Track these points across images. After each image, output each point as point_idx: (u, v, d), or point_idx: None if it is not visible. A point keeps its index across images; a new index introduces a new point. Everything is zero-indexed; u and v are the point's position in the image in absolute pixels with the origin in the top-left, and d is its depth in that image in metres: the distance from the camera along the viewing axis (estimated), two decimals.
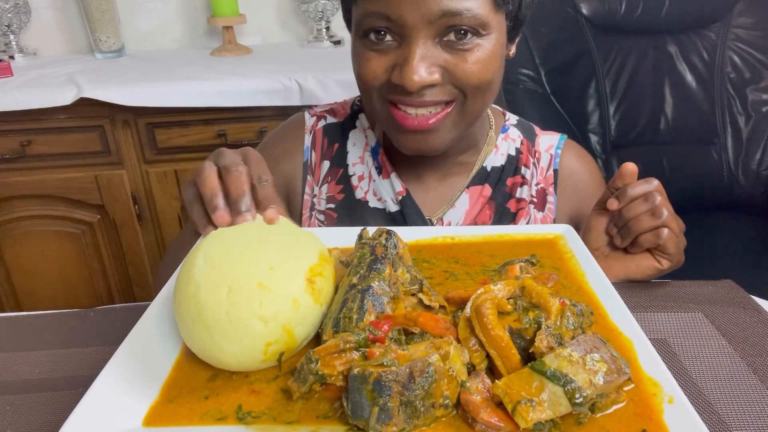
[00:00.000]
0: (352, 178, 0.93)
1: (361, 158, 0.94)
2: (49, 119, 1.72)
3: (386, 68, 0.75)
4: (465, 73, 0.73)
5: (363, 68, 0.77)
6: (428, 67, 0.72)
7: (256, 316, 0.49)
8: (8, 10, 2.00)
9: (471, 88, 0.75)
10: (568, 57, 1.72)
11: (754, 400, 0.54)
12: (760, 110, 1.78)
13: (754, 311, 0.69)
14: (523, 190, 0.93)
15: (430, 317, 0.51)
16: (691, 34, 1.78)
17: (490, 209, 0.92)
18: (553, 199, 0.94)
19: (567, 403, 0.43)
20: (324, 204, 0.94)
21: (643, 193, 0.71)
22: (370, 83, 0.77)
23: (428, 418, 0.44)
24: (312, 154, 0.95)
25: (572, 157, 0.96)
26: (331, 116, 0.97)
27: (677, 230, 0.72)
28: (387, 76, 0.75)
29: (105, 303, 1.97)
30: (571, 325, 0.48)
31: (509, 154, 0.94)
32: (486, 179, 0.92)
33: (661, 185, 0.73)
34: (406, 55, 0.72)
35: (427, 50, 0.72)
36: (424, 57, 0.72)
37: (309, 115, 0.98)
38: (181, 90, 1.69)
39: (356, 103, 0.99)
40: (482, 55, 0.73)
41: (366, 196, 0.92)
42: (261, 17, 2.21)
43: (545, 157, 0.95)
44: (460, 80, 0.74)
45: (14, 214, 1.85)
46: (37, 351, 0.65)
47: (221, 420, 0.46)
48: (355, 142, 0.95)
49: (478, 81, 0.74)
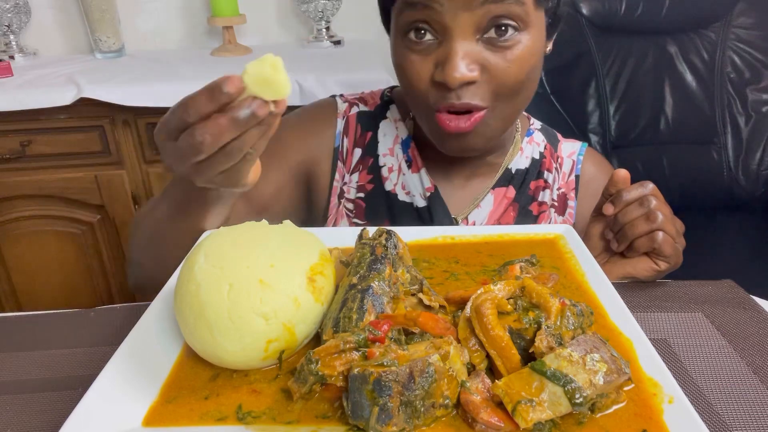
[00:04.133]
0: (383, 169, 0.93)
1: (390, 150, 0.93)
2: (49, 119, 1.72)
3: (429, 69, 0.75)
4: (504, 72, 0.73)
5: (408, 71, 0.77)
6: (469, 64, 0.72)
7: (258, 313, 0.49)
8: (8, 10, 2.00)
9: (506, 89, 0.75)
10: (568, 57, 1.72)
11: (754, 400, 0.54)
12: (760, 110, 1.78)
13: (754, 311, 0.69)
14: (545, 193, 0.93)
15: (430, 317, 0.51)
16: (691, 34, 1.78)
17: (514, 211, 0.92)
18: (574, 204, 0.95)
19: (567, 403, 0.43)
20: (354, 193, 0.93)
21: (638, 197, 0.71)
22: (417, 85, 0.76)
23: (428, 418, 0.44)
24: (344, 141, 0.94)
25: (592, 164, 0.97)
26: (362, 104, 0.96)
27: (674, 232, 0.72)
28: (430, 77, 0.75)
29: (105, 303, 1.97)
30: (571, 325, 0.48)
31: (533, 157, 0.94)
32: (510, 181, 0.93)
33: (656, 188, 0.72)
34: (447, 52, 0.72)
35: (468, 48, 0.72)
36: (466, 54, 0.72)
37: (341, 101, 0.97)
38: (181, 90, 1.66)
39: (386, 93, 0.98)
40: (520, 52, 0.73)
41: (395, 188, 0.92)
42: (261, 17, 2.21)
43: (567, 162, 0.96)
44: (498, 79, 0.74)
45: (14, 214, 1.85)
46: (37, 351, 0.65)
47: (221, 420, 0.46)
48: (385, 133, 0.94)
49: (514, 80, 0.74)
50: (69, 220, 1.88)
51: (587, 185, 0.96)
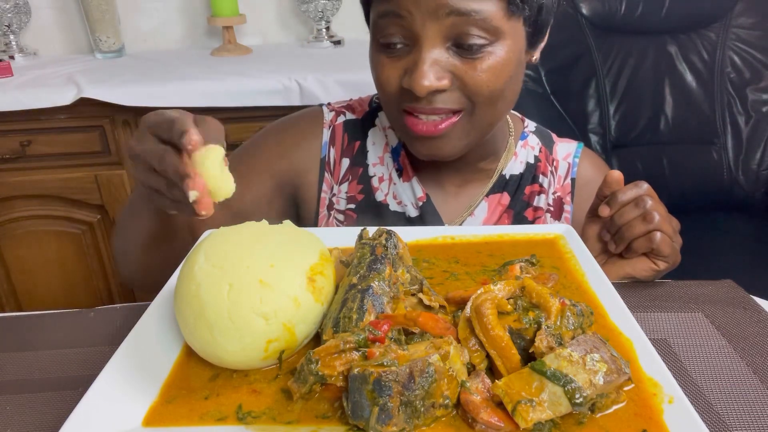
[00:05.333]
0: (373, 179, 0.92)
1: (381, 159, 0.92)
2: (49, 119, 1.72)
3: (399, 74, 0.75)
4: (474, 81, 0.72)
5: (378, 74, 0.77)
6: (437, 73, 0.72)
7: (258, 313, 0.49)
8: (8, 10, 2.00)
9: (481, 97, 0.74)
10: (568, 57, 1.72)
11: (754, 400, 0.54)
12: (760, 110, 1.78)
13: (754, 311, 0.69)
14: (541, 198, 0.92)
15: (430, 317, 0.51)
16: (691, 34, 1.78)
17: (509, 218, 0.92)
18: (570, 209, 0.94)
19: (567, 403, 0.43)
20: (344, 204, 0.92)
21: (634, 198, 0.71)
22: (385, 89, 0.77)
23: (428, 418, 0.44)
24: (331, 151, 0.93)
25: (589, 165, 0.96)
26: (349, 113, 0.95)
27: (670, 232, 0.71)
28: (400, 82, 0.75)
29: (105, 303, 1.97)
30: (571, 325, 0.48)
31: (528, 161, 0.93)
32: (504, 187, 0.92)
33: (650, 188, 0.72)
34: (416, 60, 0.72)
35: (437, 56, 0.71)
36: (434, 62, 0.71)
37: (327, 110, 0.96)
38: (181, 90, 1.68)
39: (374, 100, 0.97)
40: (493, 62, 0.72)
41: (386, 198, 0.91)
42: (261, 17, 2.21)
43: (563, 165, 0.95)
44: (470, 88, 0.73)
45: (14, 214, 1.85)
46: (37, 351, 0.65)
47: (221, 420, 0.46)
48: (374, 141, 0.93)
49: (489, 90, 0.73)
50: (69, 220, 1.88)
51: (584, 188, 0.94)
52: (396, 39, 0.73)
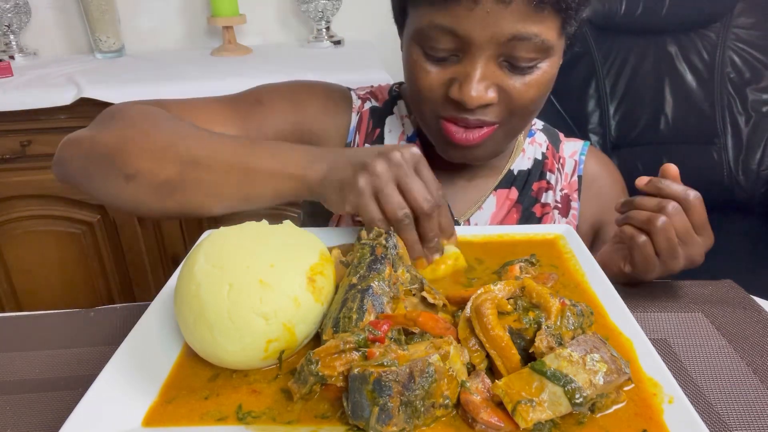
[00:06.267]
0: None
1: None
2: (49, 119, 1.72)
3: (444, 82, 0.73)
4: (521, 96, 0.72)
5: (420, 80, 0.75)
6: (487, 86, 0.71)
7: (257, 313, 0.49)
8: (8, 10, 2.00)
9: (523, 110, 0.74)
10: (568, 57, 1.72)
11: (754, 400, 0.54)
12: (760, 110, 1.78)
13: (754, 311, 0.69)
14: (548, 195, 0.93)
15: (430, 317, 0.51)
16: (691, 34, 1.78)
17: (517, 213, 0.92)
18: (577, 206, 0.94)
19: (567, 403, 0.43)
20: None
21: (671, 195, 0.67)
22: (426, 95, 0.75)
23: (428, 418, 0.44)
24: (356, 137, 0.93)
25: (595, 163, 0.96)
26: (373, 99, 0.95)
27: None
28: (443, 90, 0.74)
29: (105, 303, 1.96)
30: (571, 325, 0.48)
31: (535, 158, 0.94)
32: (513, 182, 0.92)
33: (698, 202, 0.68)
34: (468, 72, 0.70)
35: (488, 69, 0.71)
36: (485, 76, 0.71)
37: (355, 96, 0.95)
38: (181, 90, 1.68)
39: (394, 89, 0.97)
40: (541, 78, 0.72)
41: None
42: (261, 17, 2.21)
43: (569, 163, 0.95)
44: (515, 102, 0.73)
45: (14, 214, 1.85)
46: (37, 351, 0.65)
47: (221, 420, 0.46)
48: (391, 129, 0.93)
49: (532, 104, 0.74)
50: (69, 220, 1.88)
51: (590, 185, 0.95)
52: (445, 50, 0.72)
